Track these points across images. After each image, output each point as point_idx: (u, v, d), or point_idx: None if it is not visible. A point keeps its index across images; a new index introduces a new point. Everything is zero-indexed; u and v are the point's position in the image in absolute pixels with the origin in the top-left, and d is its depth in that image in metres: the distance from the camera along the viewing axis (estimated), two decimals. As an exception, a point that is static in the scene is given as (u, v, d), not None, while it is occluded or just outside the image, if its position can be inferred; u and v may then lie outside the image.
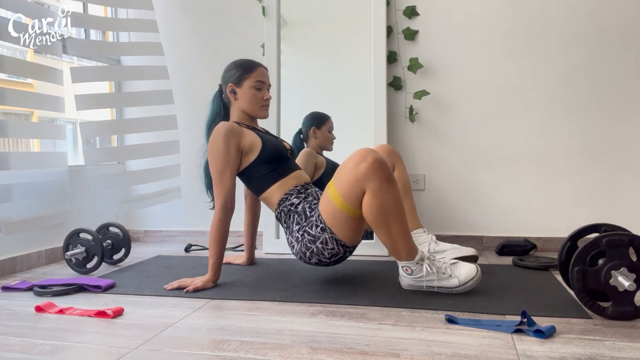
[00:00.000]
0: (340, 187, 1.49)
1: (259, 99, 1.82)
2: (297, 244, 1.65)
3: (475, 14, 2.28)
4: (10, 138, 1.98)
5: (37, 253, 2.17)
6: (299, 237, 1.64)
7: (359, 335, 1.21)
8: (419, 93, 2.29)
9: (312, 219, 1.60)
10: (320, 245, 1.58)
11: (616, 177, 2.18)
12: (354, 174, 1.45)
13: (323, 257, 1.62)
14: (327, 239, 1.57)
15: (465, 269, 1.52)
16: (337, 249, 1.59)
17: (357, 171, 1.45)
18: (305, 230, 1.62)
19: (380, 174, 1.43)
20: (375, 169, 1.43)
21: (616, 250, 1.24)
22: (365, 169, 1.43)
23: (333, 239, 1.57)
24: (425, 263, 1.52)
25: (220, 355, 1.11)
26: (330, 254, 1.60)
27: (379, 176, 1.43)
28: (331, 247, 1.58)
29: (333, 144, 2.30)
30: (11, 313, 1.48)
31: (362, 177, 1.44)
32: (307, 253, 1.63)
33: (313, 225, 1.59)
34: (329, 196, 1.54)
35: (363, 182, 1.44)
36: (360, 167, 1.44)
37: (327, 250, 1.59)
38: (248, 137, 1.74)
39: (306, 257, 1.65)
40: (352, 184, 1.46)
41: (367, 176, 1.43)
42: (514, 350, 1.09)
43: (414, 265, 1.52)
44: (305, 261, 1.67)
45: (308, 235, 1.60)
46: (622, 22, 2.14)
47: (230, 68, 1.84)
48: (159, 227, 2.75)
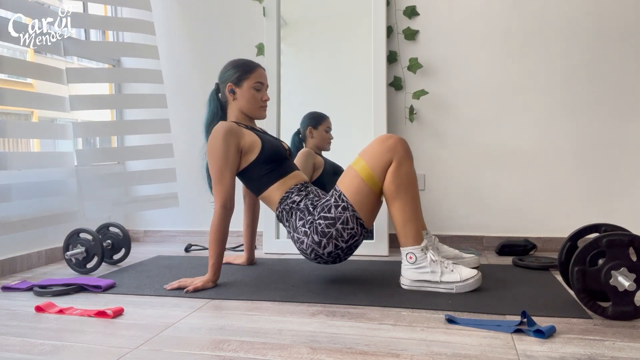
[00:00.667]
0: (370, 159, 1.62)
1: (258, 100, 1.82)
2: (307, 238, 1.65)
3: (475, 14, 2.28)
4: (12, 138, 1.98)
5: (37, 253, 2.17)
6: (307, 231, 1.64)
7: (359, 335, 1.21)
8: (417, 93, 2.29)
9: (331, 201, 1.63)
10: (340, 226, 1.61)
11: (616, 177, 2.18)
12: (384, 147, 1.61)
13: (341, 240, 1.63)
14: (348, 218, 1.61)
15: (466, 269, 1.57)
16: (356, 229, 1.63)
17: (386, 144, 1.61)
18: (316, 221, 1.63)
19: (405, 147, 1.62)
20: (402, 143, 1.62)
21: (616, 250, 1.24)
22: (394, 142, 1.61)
23: (354, 217, 1.61)
24: (429, 252, 1.57)
25: (220, 355, 1.11)
26: (349, 235, 1.62)
27: (404, 148, 1.62)
28: (351, 227, 1.62)
29: (331, 144, 2.29)
30: (11, 313, 1.48)
31: (391, 148, 1.60)
32: (323, 241, 1.62)
33: (332, 207, 1.62)
34: (355, 171, 1.63)
35: (391, 152, 1.60)
36: (389, 141, 1.62)
37: (347, 230, 1.61)
38: (248, 137, 1.74)
39: (320, 247, 1.64)
40: (382, 154, 1.60)
41: (395, 147, 1.60)
42: (514, 350, 1.09)
43: (419, 251, 1.56)
44: (316, 254, 1.66)
45: (325, 221, 1.61)
46: (622, 22, 2.14)
47: (229, 68, 1.83)
48: (159, 227, 2.76)
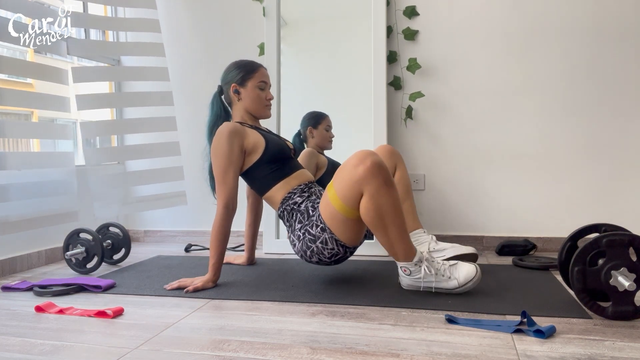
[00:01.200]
0: (339, 189, 1.49)
1: (263, 99, 1.83)
2: (299, 243, 1.65)
3: (475, 14, 2.28)
4: (12, 138, 1.98)
5: (37, 253, 2.17)
6: (300, 236, 1.64)
7: (359, 335, 1.21)
8: (414, 95, 2.29)
9: (313, 219, 1.60)
10: (320, 244, 1.59)
11: (616, 177, 2.18)
12: (351, 177, 1.45)
13: (323, 257, 1.62)
14: (327, 239, 1.57)
15: (464, 270, 1.51)
16: (337, 249, 1.59)
17: (355, 174, 1.44)
18: (306, 230, 1.62)
19: (378, 177, 1.42)
20: (374, 172, 1.42)
21: (616, 250, 1.24)
22: (364, 172, 1.42)
23: (333, 239, 1.57)
24: (423, 264, 1.52)
25: (220, 355, 1.11)
26: (330, 253, 1.60)
27: (377, 179, 1.42)
28: (331, 247, 1.58)
29: (332, 142, 2.29)
30: (11, 313, 1.48)
31: (360, 180, 1.43)
32: (308, 252, 1.63)
33: (313, 224, 1.60)
34: (328, 198, 1.54)
35: (361, 185, 1.43)
36: (358, 169, 1.43)
37: (327, 250, 1.59)
38: (252, 137, 1.74)
39: (307, 256, 1.65)
40: (350, 186, 1.46)
41: (365, 179, 1.42)
42: (514, 350, 1.09)
43: (412, 266, 1.52)
44: (306, 260, 1.67)
45: (309, 235, 1.60)
46: (623, 22, 2.14)
47: (232, 69, 1.83)
48: (159, 227, 2.75)
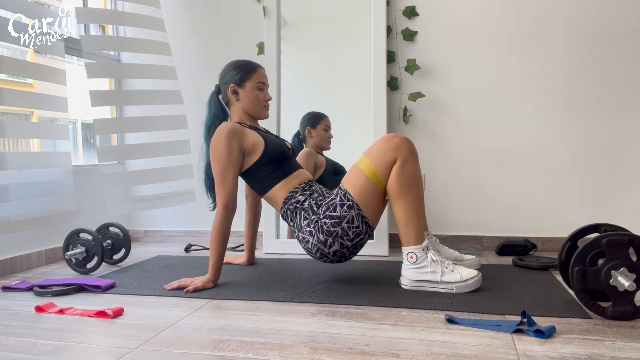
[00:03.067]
0: (374, 158, 1.61)
1: (261, 100, 1.83)
2: (313, 238, 1.65)
3: (475, 15, 2.27)
4: (12, 138, 1.98)
5: (37, 253, 2.17)
6: (312, 231, 1.64)
7: (359, 335, 1.21)
8: (414, 95, 2.29)
9: (336, 200, 1.63)
10: (346, 225, 1.61)
11: (616, 177, 2.18)
12: (388, 145, 1.61)
13: (346, 239, 1.63)
14: (353, 217, 1.61)
15: (466, 270, 1.57)
16: (361, 228, 1.62)
17: (391, 143, 1.61)
18: (321, 220, 1.62)
19: (410, 147, 1.62)
20: (407, 142, 1.62)
21: (616, 250, 1.24)
22: (399, 141, 1.61)
23: (359, 216, 1.61)
24: (430, 251, 1.57)
25: (220, 355, 1.11)
26: (355, 233, 1.62)
27: (408, 149, 1.61)
28: (356, 226, 1.62)
29: (330, 143, 2.29)
30: (11, 313, 1.48)
31: (396, 146, 1.60)
32: (329, 240, 1.62)
33: (337, 205, 1.62)
34: (359, 169, 1.63)
35: (396, 151, 1.60)
36: (394, 140, 1.61)
37: (352, 229, 1.62)
38: (251, 137, 1.74)
39: (326, 246, 1.64)
40: (386, 153, 1.60)
41: (400, 146, 1.60)
42: (514, 350, 1.09)
43: (420, 251, 1.56)
44: (322, 252, 1.66)
45: (330, 220, 1.61)
46: (623, 22, 2.14)
47: (230, 69, 1.83)
48: (159, 227, 2.75)
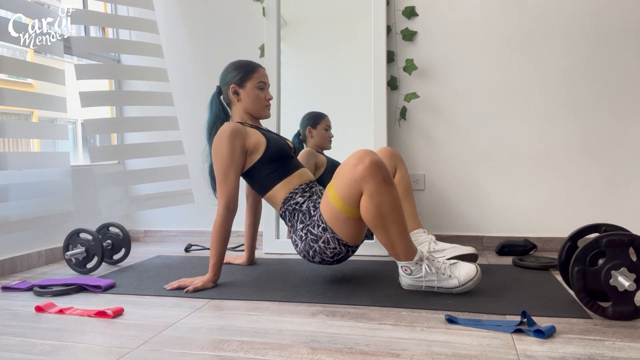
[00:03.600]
0: (339, 189, 1.50)
1: (262, 99, 1.83)
2: (301, 243, 1.65)
3: (475, 15, 2.27)
4: (11, 138, 1.98)
5: (37, 253, 2.17)
6: (303, 236, 1.64)
7: (359, 335, 1.21)
8: (409, 95, 2.29)
9: (314, 219, 1.60)
10: (322, 244, 1.59)
11: (616, 177, 2.18)
12: (351, 176, 1.46)
13: (325, 257, 1.62)
14: (328, 239, 1.58)
15: (465, 269, 1.52)
16: (339, 249, 1.59)
17: (355, 173, 1.45)
18: (308, 230, 1.62)
19: (377, 176, 1.43)
20: (373, 171, 1.43)
21: (616, 250, 1.24)
22: (363, 171, 1.43)
23: (335, 239, 1.57)
24: (424, 263, 1.52)
25: (220, 355, 1.11)
26: (333, 253, 1.60)
27: (376, 178, 1.43)
28: (333, 247, 1.59)
29: (331, 142, 2.29)
30: (11, 313, 1.48)
31: (359, 179, 1.44)
32: (310, 252, 1.63)
33: (315, 224, 1.60)
34: (328, 197, 1.55)
35: (360, 183, 1.44)
36: (357, 169, 1.44)
37: (329, 249, 1.59)
38: (253, 137, 1.74)
39: (309, 256, 1.65)
40: (350, 185, 1.47)
41: (364, 178, 1.43)
42: (514, 350, 1.09)
43: (413, 265, 1.52)
44: (309, 260, 1.67)
45: (311, 235, 1.61)
46: (623, 22, 2.14)
47: (230, 69, 1.83)
48: (159, 227, 2.75)
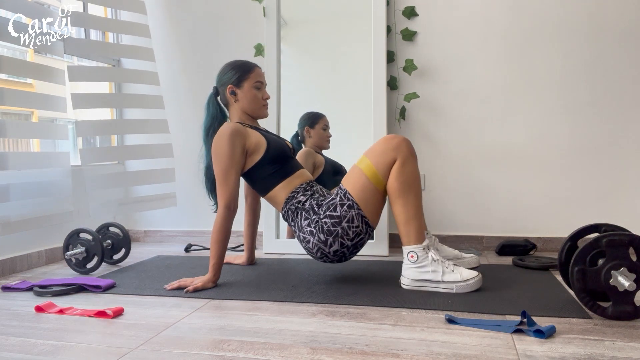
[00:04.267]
0: (374, 158, 1.63)
1: (260, 99, 1.83)
2: (313, 237, 1.65)
3: (474, 15, 2.27)
4: (11, 138, 1.98)
5: (37, 253, 2.17)
6: (313, 230, 1.65)
7: (359, 335, 1.21)
8: (409, 95, 2.29)
9: (336, 200, 1.64)
10: (346, 225, 1.62)
11: (616, 177, 2.18)
12: (388, 145, 1.63)
13: (346, 239, 1.63)
14: (353, 216, 1.62)
15: (466, 270, 1.57)
16: (361, 227, 1.63)
17: (391, 143, 1.63)
18: (321, 220, 1.63)
19: (409, 147, 1.64)
20: (407, 143, 1.64)
21: (616, 250, 1.24)
22: (399, 141, 1.63)
23: (359, 216, 1.62)
24: (431, 251, 1.58)
25: (220, 355, 1.11)
26: (355, 233, 1.63)
27: (408, 148, 1.64)
28: (356, 225, 1.62)
29: (329, 142, 2.29)
30: (11, 313, 1.48)
31: (396, 147, 1.62)
32: (329, 239, 1.63)
33: (337, 205, 1.63)
34: (359, 169, 1.64)
35: (396, 151, 1.62)
36: (393, 140, 1.64)
37: (352, 229, 1.62)
38: (253, 138, 1.74)
39: (326, 245, 1.64)
40: (386, 153, 1.62)
41: (399, 146, 1.62)
42: (514, 350, 1.09)
43: (421, 250, 1.57)
44: (323, 252, 1.66)
45: (330, 219, 1.62)
46: (622, 22, 2.14)
47: (227, 70, 1.83)
48: (159, 227, 2.75)
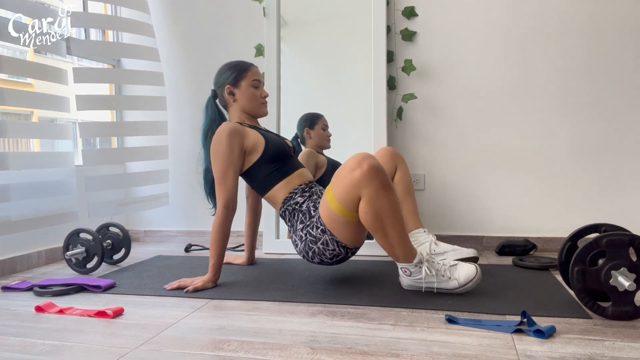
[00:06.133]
0: (337, 193, 1.49)
1: (258, 97, 1.83)
2: (301, 243, 1.65)
3: (474, 16, 2.27)
4: (12, 138, 1.98)
5: (37, 253, 2.17)
6: (302, 237, 1.64)
7: (359, 335, 1.21)
8: (407, 96, 2.29)
9: (314, 220, 1.60)
10: (321, 246, 1.59)
11: (616, 177, 2.18)
12: (349, 181, 1.45)
13: (325, 258, 1.62)
14: (327, 241, 1.58)
15: (464, 270, 1.51)
16: (338, 250, 1.59)
17: (352, 177, 1.44)
18: (307, 231, 1.62)
19: (375, 181, 1.42)
20: (371, 176, 1.41)
21: (616, 250, 1.24)
22: (360, 176, 1.42)
23: (333, 241, 1.57)
24: (424, 265, 1.51)
25: (220, 355, 1.11)
26: (332, 254, 1.60)
27: (374, 183, 1.42)
28: (332, 249, 1.59)
29: (330, 141, 2.30)
30: (11, 313, 1.48)
31: (357, 183, 1.43)
32: (310, 253, 1.63)
33: (314, 226, 1.60)
34: (327, 200, 1.55)
35: (358, 188, 1.43)
36: (355, 173, 1.43)
37: (328, 251, 1.59)
38: (251, 137, 1.74)
39: (309, 257, 1.65)
40: (348, 190, 1.45)
41: (362, 183, 1.42)
42: (514, 350, 1.09)
43: (413, 267, 1.52)
44: (308, 260, 1.67)
45: (310, 236, 1.61)
46: (621, 22, 2.14)
47: (223, 71, 1.84)
48: (159, 227, 2.75)
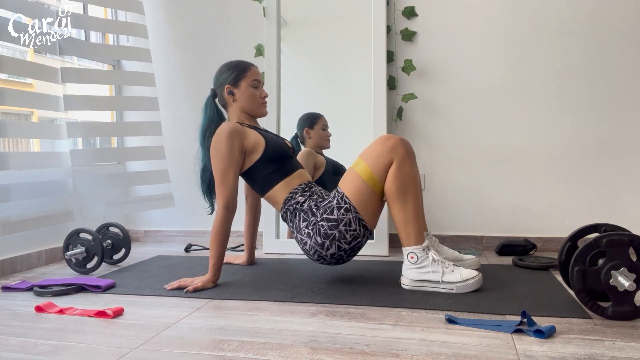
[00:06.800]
0: (370, 160, 1.61)
1: (258, 97, 1.83)
2: (310, 239, 1.65)
3: (474, 16, 2.27)
4: (12, 138, 1.98)
5: (37, 253, 2.17)
6: (311, 233, 1.64)
7: (359, 335, 1.21)
8: (407, 96, 2.29)
9: (333, 202, 1.62)
10: (343, 228, 1.61)
11: (616, 177, 2.18)
12: (384, 147, 1.60)
13: (344, 242, 1.62)
14: (350, 220, 1.60)
15: (466, 270, 1.57)
16: (359, 231, 1.62)
17: (386, 145, 1.60)
18: (318, 223, 1.62)
19: (406, 147, 1.61)
20: (403, 143, 1.61)
21: (616, 250, 1.24)
22: (394, 142, 1.60)
23: (357, 219, 1.60)
24: (431, 251, 1.57)
25: (220, 355, 1.11)
26: (352, 236, 1.62)
27: (404, 149, 1.60)
28: (353, 229, 1.61)
29: (330, 141, 2.30)
30: (11, 313, 1.48)
31: (391, 149, 1.59)
32: (326, 242, 1.63)
33: (334, 208, 1.61)
34: (356, 172, 1.62)
35: (392, 153, 1.58)
36: (389, 142, 1.60)
37: (350, 232, 1.61)
38: (251, 137, 1.74)
39: (323, 248, 1.64)
40: (383, 155, 1.59)
41: (395, 148, 1.59)
42: (514, 350, 1.09)
43: (420, 251, 1.56)
44: (320, 254, 1.66)
45: (327, 222, 1.61)
46: (621, 22, 2.14)
47: (223, 71, 1.84)
48: (159, 227, 2.75)
